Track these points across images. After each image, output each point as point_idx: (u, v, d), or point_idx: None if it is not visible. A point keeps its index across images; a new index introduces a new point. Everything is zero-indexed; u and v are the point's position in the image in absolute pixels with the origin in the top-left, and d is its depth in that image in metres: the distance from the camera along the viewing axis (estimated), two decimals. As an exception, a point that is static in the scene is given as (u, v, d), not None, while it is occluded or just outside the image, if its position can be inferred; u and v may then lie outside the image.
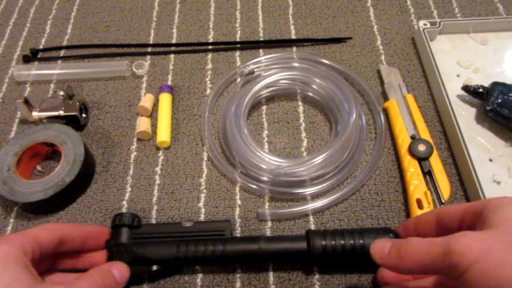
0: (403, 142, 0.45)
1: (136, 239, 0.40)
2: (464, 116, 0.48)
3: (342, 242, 0.37)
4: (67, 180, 0.43)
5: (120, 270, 0.37)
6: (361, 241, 0.37)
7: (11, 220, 0.44)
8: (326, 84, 0.48)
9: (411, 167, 0.43)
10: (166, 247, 0.38)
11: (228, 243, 0.38)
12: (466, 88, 0.48)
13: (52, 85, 0.55)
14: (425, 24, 0.53)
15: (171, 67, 0.56)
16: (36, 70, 0.55)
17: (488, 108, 0.45)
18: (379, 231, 0.38)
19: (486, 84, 0.47)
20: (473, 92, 0.47)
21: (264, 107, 0.51)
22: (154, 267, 0.38)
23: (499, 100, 0.45)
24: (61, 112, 0.48)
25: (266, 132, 0.49)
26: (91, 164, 0.47)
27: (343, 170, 0.45)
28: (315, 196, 0.44)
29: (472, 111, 0.49)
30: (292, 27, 0.59)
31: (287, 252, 0.38)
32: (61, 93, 0.50)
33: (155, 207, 0.45)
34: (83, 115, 0.50)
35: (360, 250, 0.37)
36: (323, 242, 0.37)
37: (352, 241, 0.37)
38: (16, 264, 0.30)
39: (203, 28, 0.59)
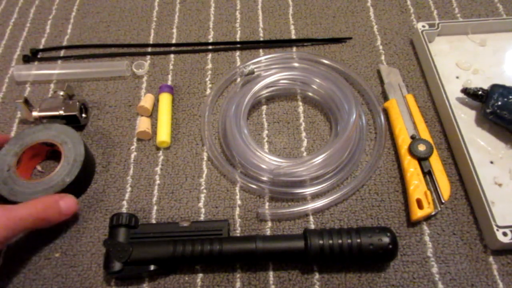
0: (403, 142, 0.45)
1: (134, 239, 0.40)
2: (464, 118, 0.48)
3: (340, 241, 0.37)
4: (67, 180, 0.43)
5: (67, 203, 0.40)
6: (358, 240, 0.37)
7: (11, 220, 0.44)
8: (326, 84, 0.48)
9: (411, 167, 0.43)
10: (163, 247, 0.38)
11: (225, 243, 0.38)
12: (465, 91, 0.48)
13: (52, 85, 0.55)
14: (423, 26, 0.53)
15: (171, 67, 0.56)
16: (36, 70, 0.55)
17: (488, 111, 0.45)
18: (376, 230, 0.38)
19: (486, 86, 0.47)
20: (472, 95, 0.47)
21: (264, 107, 0.51)
22: (152, 267, 0.38)
23: (499, 103, 0.45)
24: (61, 112, 0.48)
25: (266, 132, 0.49)
26: (91, 164, 0.47)
27: (343, 170, 0.45)
28: (315, 196, 0.44)
29: (472, 113, 0.49)
30: (292, 27, 0.59)
31: (284, 251, 0.38)
32: (61, 93, 0.50)
33: (155, 207, 0.45)
34: (83, 115, 0.50)
35: (357, 249, 0.37)
36: (321, 241, 0.37)
37: (349, 240, 0.37)
38: None
39: (203, 28, 0.59)
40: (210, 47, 0.57)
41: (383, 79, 0.52)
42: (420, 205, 0.41)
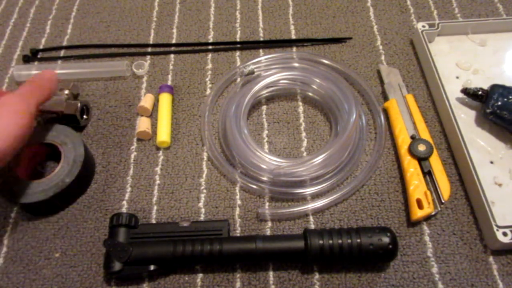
0: (403, 142, 0.45)
1: (134, 239, 0.40)
2: (464, 118, 0.48)
3: (340, 241, 0.37)
4: (67, 181, 0.43)
5: (49, 73, 0.45)
6: (358, 240, 0.37)
7: (11, 221, 0.44)
8: (326, 84, 0.48)
9: (411, 167, 0.43)
10: (163, 247, 0.39)
11: (225, 243, 0.38)
12: (465, 91, 0.48)
13: (52, 85, 0.55)
14: (423, 26, 0.53)
15: (171, 67, 0.56)
16: (36, 70, 0.55)
17: (488, 111, 0.45)
18: (376, 230, 0.38)
19: (486, 86, 0.47)
20: (472, 95, 0.47)
21: (264, 107, 0.51)
22: (152, 267, 0.38)
23: (499, 103, 0.45)
24: (61, 109, 0.48)
25: (266, 132, 0.49)
26: (91, 164, 0.47)
27: (343, 170, 0.45)
28: (315, 196, 0.44)
29: (472, 113, 0.49)
30: (292, 27, 0.59)
31: (284, 251, 0.38)
32: (66, 91, 0.50)
33: (155, 207, 0.45)
34: (84, 116, 0.50)
35: (357, 249, 0.37)
36: (321, 241, 0.37)
37: (349, 240, 0.37)
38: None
39: (203, 28, 0.59)
40: (210, 47, 0.57)
41: (383, 79, 0.52)
42: (420, 205, 0.41)
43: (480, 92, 0.46)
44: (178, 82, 0.54)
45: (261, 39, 0.58)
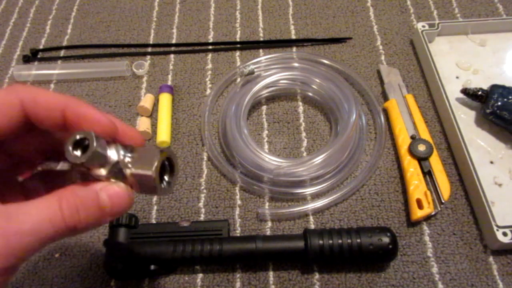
0: (403, 142, 0.45)
1: (134, 239, 0.40)
2: (464, 118, 0.48)
3: (340, 241, 0.37)
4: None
5: (112, 194, 0.24)
6: (358, 240, 0.37)
7: (11, 220, 0.44)
8: (326, 84, 0.48)
9: (411, 167, 0.43)
10: (163, 247, 0.38)
11: (225, 243, 0.38)
12: (465, 91, 0.48)
13: (52, 85, 0.55)
14: (423, 26, 0.53)
15: (171, 67, 0.56)
16: (36, 70, 0.55)
17: (488, 111, 0.45)
18: (376, 230, 0.38)
19: (486, 86, 0.47)
20: (472, 95, 0.47)
21: (264, 107, 0.51)
22: (152, 267, 0.38)
23: (499, 103, 0.44)
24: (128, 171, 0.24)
25: (266, 132, 0.49)
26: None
27: (343, 170, 0.45)
28: (315, 196, 0.44)
29: (472, 113, 0.49)
30: (292, 27, 0.59)
31: (284, 251, 0.38)
32: None
33: (155, 207, 0.45)
34: (166, 178, 0.26)
35: (357, 249, 0.37)
36: (320, 241, 0.37)
37: (349, 240, 0.37)
38: None
39: (203, 28, 0.59)
40: (210, 47, 0.57)
41: (383, 79, 0.52)
42: (420, 205, 0.41)
43: (480, 92, 0.46)
44: (178, 82, 0.54)
45: (261, 39, 0.58)
